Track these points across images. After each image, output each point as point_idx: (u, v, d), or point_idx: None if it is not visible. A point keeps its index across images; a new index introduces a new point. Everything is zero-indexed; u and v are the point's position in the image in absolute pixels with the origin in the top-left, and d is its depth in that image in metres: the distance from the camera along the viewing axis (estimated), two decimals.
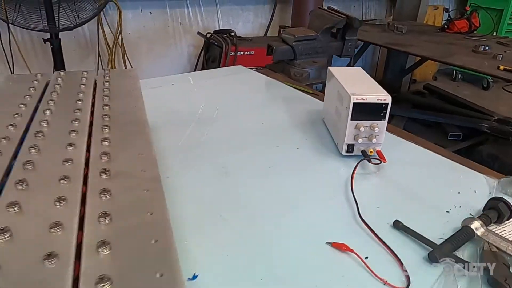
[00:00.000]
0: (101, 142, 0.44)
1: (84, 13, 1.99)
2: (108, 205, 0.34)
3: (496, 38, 2.67)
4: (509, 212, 0.54)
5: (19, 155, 0.40)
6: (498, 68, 1.95)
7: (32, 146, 0.41)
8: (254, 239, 0.50)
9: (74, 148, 0.43)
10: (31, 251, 0.28)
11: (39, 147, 0.41)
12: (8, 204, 0.32)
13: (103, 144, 0.44)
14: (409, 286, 0.44)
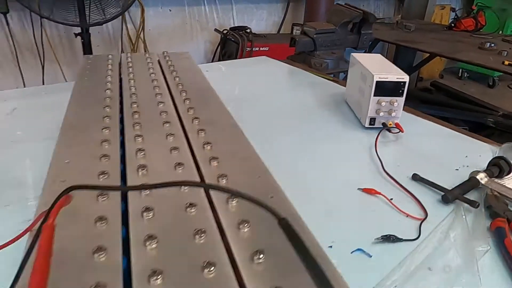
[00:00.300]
0: (184, 102, 0.56)
1: (110, 10, 2.12)
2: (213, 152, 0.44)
3: (501, 36, 2.78)
4: (509, 168, 0.66)
5: (125, 120, 0.52)
6: (503, 63, 2.05)
7: (132, 104, 0.53)
8: (305, 187, 0.62)
9: (163, 105, 0.54)
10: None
11: (138, 110, 0.53)
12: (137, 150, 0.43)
13: (186, 102, 0.55)
14: (426, 218, 0.56)
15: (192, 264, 0.27)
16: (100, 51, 2.52)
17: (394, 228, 0.53)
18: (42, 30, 2.18)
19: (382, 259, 0.48)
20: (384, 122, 0.81)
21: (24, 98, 0.95)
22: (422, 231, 0.53)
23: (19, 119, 0.83)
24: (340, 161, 0.72)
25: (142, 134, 0.45)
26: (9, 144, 0.72)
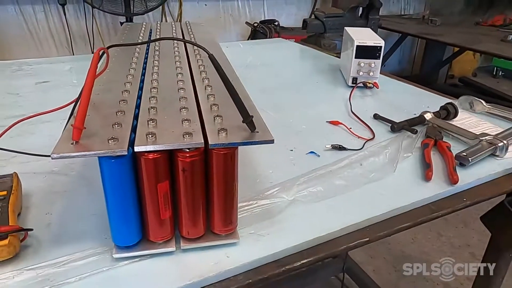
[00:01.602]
0: (197, 61, 0.75)
1: (151, 3, 2.38)
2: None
3: None
4: (455, 111, 0.80)
5: (146, 74, 0.71)
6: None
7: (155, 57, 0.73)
8: (288, 121, 0.80)
9: (179, 63, 0.74)
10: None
11: (159, 56, 0.73)
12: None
13: (199, 62, 0.75)
14: (373, 139, 0.72)
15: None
16: None
17: (345, 144, 0.70)
18: (93, 20, 2.48)
19: (328, 159, 0.65)
20: (364, 82, 0.97)
21: (76, 61, 1.20)
22: (366, 146, 0.70)
23: (74, 74, 1.07)
24: (320, 105, 0.89)
25: (158, 64, 0.65)
26: (67, 86, 0.96)
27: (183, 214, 0.43)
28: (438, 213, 0.55)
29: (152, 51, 0.72)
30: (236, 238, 0.45)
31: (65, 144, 0.37)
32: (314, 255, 0.47)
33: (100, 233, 0.47)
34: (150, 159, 0.39)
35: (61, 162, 0.61)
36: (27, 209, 0.50)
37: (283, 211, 0.52)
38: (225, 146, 0.39)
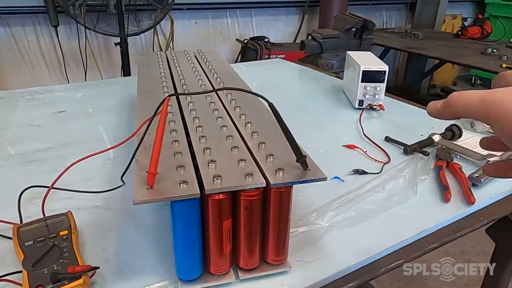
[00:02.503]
0: (216, 78, 0.79)
1: (144, 22, 2.42)
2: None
3: (506, 43, 2.93)
4: (459, 132, 0.86)
5: (177, 87, 0.75)
6: (501, 66, 2.22)
7: (181, 80, 0.77)
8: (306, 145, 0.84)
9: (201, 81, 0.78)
10: None
11: (188, 87, 0.77)
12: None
13: (217, 79, 0.79)
14: (389, 162, 0.77)
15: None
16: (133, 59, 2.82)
17: (364, 168, 0.75)
18: (86, 41, 2.50)
19: (351, 183, 0.70)
20: (370, 104, 1.03)
21: (87, 88, 1.22)
22: (384, 169, 0.75)
23: (88, 102, 1.09)
24: (332, 128, 0.94)
25: (192, 100, 0.69)
26: (85, 116, 0.98)
27: (242, 247, 0.46)
28: (460, 232, 0.60)
29: (179, 85, 0.76)
30: (288, 267, 0.49)
31: (142, 190, 0.41)
32: (358, 278, 0.51)
33: (158, 267, 0.49)
34: (217, 200, 0.42)
35: (102, 196, 0.63)
36: (82, 245, 0.53)
37: (323, 237, 0.56)
38: (284, 185, 0.43)
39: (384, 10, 3.90)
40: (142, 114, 0.60)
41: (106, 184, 0.68)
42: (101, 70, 2.67)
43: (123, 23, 2.24)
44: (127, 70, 2.38)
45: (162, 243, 0.54)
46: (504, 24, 3.68)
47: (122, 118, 0.97)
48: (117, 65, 2.69)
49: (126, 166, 0.51)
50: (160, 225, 0.58)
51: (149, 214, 0.60)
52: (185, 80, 0.78)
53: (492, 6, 4.20)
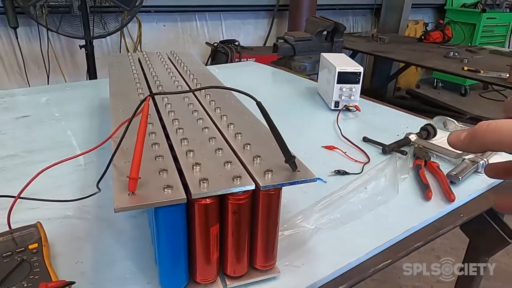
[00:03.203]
0: (192, 80, 0.77)
1: (110, 25, 2.34)
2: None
3: (466, 47, 3.07)
4: (434, 132, 0.88)
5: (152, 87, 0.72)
6: (463, 69, 2.31)
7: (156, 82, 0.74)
8: None
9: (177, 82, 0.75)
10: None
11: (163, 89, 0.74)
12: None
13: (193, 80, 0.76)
14: (369, 162, 0.77)
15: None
16: (99, 63, 2.73)
17: (345, 168, 0.74)
18: (48, 43, 2.38)
19: (334, 184, 0.69)
20: (345, 105, 1.04)
21: (52, 92, 1.15)
22: (365, 169, 0.75)
23: (53, 106, 1.03)
24: (310, 130, 0.94)
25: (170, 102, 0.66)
26: (51, 121, 0.92)
27: (230, 253, 0.44)
28: (443, 230, 0.60)
29: (154, 86, 0.73)
30: (277, 272, 0.47)
31: (123, 196, 0.38)
32: (348, 280, 0.50)
33: (140, 279, 0.46)
34: (204, 204, 0.40)
35: (74, 205, 0.59)
36: (54, 259, 0.48)
37: (309, 240, 0.55)
38: (274, 187, 0.41)
39: (350, 15, 3.99)
40: (118, 116, 0.57)
41: (77, 192, 0.63)
42: (65, 74, 2.56)
43: (88, 25, 2.16)
44: (93, 73, 2.29)
45: (143, 253, 0.50)
46: (463, 29, 3.86)
47: (92, 122, 0.92)
48: (82, 69, 2.59)
49: (103, 172, 0.47)
50: (139, 234, 0.54)
51: (126, 223, 0.57)
52: (160, 81, 0.75)
53: (451, 12, 4.40)
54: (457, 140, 0.29)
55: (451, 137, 0.30)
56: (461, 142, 0.29)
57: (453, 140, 0.30)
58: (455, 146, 0.30)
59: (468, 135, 0.28)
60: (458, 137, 0.29)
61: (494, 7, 4.46)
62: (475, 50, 2.92)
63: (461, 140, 0.29)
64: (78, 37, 2.18)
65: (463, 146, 0.29)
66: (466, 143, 0.29)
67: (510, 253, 1.87)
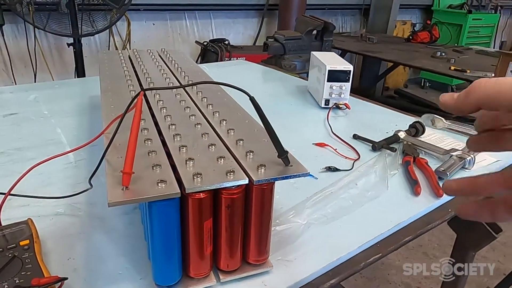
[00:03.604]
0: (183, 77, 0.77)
1: (99, 23, 2.32)
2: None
3: (452, 47, 3.12)
4: (422, 129, 0.89)
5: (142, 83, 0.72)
6: (450, 69, 2.35)
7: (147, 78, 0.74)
8: None
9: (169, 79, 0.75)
10: None
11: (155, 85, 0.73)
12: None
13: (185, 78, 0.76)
14: (359, 159, 0.78)
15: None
16: (88, 61, 2.70)
17: (336, 165, 0.75)
18: (35, 41, 2.35)
19: (325, 180, 0.70)
20: (336, 103, 1.05)
21: (40, 90, 1.14)
22: (355, 166, 0.76)
23: (42, 104, 1.02)
24: (301, 127, 0.95)
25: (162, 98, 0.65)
26: (40, 119, 0.91)
27: (223, 248, 0.44)
28: (431, 224, 0.62)
29: (145, 83, 0.73)
30: (270, 266, 0.48)
31: (116, 191, 0.38)
32: (339, 274, 0.50)
33: (133, 274, 0.46)
34: (198, 199, 0.40)
35: (65, 202, 0.59)
36: (46, 256, 0.48)
37: (301, 235, 0.55)
38: (267, 181, 0.42)
39: (339, 15, 4.02)
40: (109, 113, 0.56)
41: (68, 189, 0.63)
42: (52, 72, 2.53)
43: (76, 23, 2.13)
44: (82, 72, 2.27)
45: (136, 249, 0.50)
46: (449, 29, 3.92)
47: (81, 120, 0.92)
48: (69, 67, 2.56)
49: (95, 168, 0.47)
50: (132, 230, 0.54)
51: (119, 220, 0.56)
52: (151, 78, 0.75)
53: (438, 13, 4.46)
54: (450, 99, 0.28)
55: (444, 97, 0.28)
56: (454, 101, 0.27)
57: (446, 100, 0.28)
58: (447, 106, 0.28)
59: (463, 92, 0.27)
60: (451, 96, 0.28)
61: (479, 8, 4.54)
62: (461, 50, 2.97)
63: (455, 99, 0.27)
64: (66, 35, 2.16)
65: (456, 104, 0.27)
66: (461, 100, 0.27)
67: (496, 248, 1.91)
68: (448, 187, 0.31)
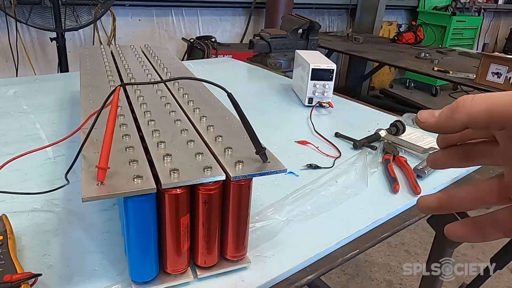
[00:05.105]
0: (166, 73, 0.76)
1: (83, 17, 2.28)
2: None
3: (436, 48, 3.16)
4: (403, 128, 0.91)
5: (123, 79, 0.71)
6: (433, 69, 2.39)
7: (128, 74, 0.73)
8: None
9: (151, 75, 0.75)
10: None
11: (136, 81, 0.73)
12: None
13: (167, 74, 0.76)
14: (340, 156, 0.79)
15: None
16: (71, 56, 2.65)
17: (317, 162, 0.76)
18: (17, 35, 2.30)
19: (305, 178, 0.71)
20: (319, 101, 1.05)
21: (21, 84, 1.12)
22: (336, 164, 0.77)
23: (22, 98, 1.00)
24: (284, 125, 0.95)
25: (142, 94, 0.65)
26: (19, 114, 0.90)
27: (201, 244, 0.44)
28: (409, 221, 0.63)
29: (126, 79, 0.72)
30: (248, 262, 0.48)
31: (91, 186, 0.37)
32: (317, 270, 0.51)
33: (110, 271, 0.46)
34: (175, 194, 0.40)
35: (42, 198, 0.58)
36: (20, 253, 0.47)
37: (280, 231, 0.56)
38: (244, 177, 0.42)
39: (326, 15, 4.04)
40: (88, 108, 0.56)
41: (45, 185, 0.62)
42: (35, 68, 2.48)
43: (60, 17, 2.09)
44: (65, 67, 2.23)
45: (114, 245, 0.50)
46: (434, 31, 3.98)
47: (62, 116, 0.90)
48: (53, 62, 2.52)
49: (71, 163, 0.47)
50: (109, 227, 0.54)
51: (97, 216, 0.56)
52: (133, 74, 0.74)
53: (423, 14, 4.53)
54: (429, 116, 0.24)
55: (422, 115, 0.25)
56: (435, 119, 0.24)
57: (425, 118, 0.24)
58: (427, 125, 0.24)
59: (446, 109, 0.23)
60: (431, 114, 0.24)
61: (463, 10, 4.62)
62: (445, 52, 3.01)
63: (436, 117, 0.24)
64: (49, 30, 2.12)
65: (439, 123, 0.24)
66: (444, 119, 0.23)
67: (475, 246, 1.95)
68: (424, 205, 0.28)
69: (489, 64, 1.96)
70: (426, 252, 1.95)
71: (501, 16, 5.90)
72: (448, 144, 0.28)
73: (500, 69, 1.92)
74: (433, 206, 0.28)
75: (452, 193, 0.27)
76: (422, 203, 0.28)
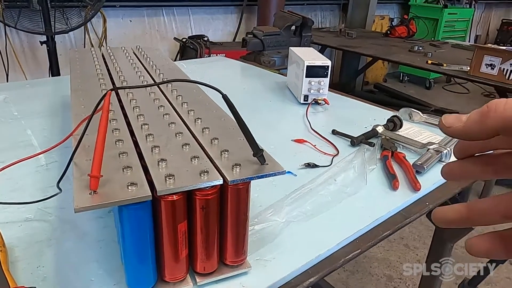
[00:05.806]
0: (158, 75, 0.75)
1: (73, 19, 2.25)
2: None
3: (429, 41, 3.16)
4: (400, 123, 0.90)
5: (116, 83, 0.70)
6: (427, 62, 2.38)
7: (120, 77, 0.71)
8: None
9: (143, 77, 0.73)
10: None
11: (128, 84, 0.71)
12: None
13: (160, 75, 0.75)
14: (338, 154, 0.78)
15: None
16: (62, 60, 2.62)
17: (315, 161, 0.75)
18: (6, 39, 2.27)
19: (304, 177, 0.70)
20: (314, 98, 1.04)
21: (11, 89, 1.10)
22: (334, 162, 0.76)
23: (12, 104, 0.98)
24: (280, 124, 0.94)
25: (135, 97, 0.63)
26: (9, 120, 0.88)
27: (199, 250, 0.43)
28: (409, 218, 0.62)
29: (118, 82, 0.70)
30: (248, 267, 0.47)
31: (84, 195, 0.36)
32: (319, 272, 0.50)
33: (107, 281, 0.45)
34: (171, 201, 0.39)
35: (34, 207, 0.56)
36: (13, 264, 0.46)
37: (280, 233, 0.55)
38: (242, 181, 0.41)
39: (318, 10, 4.03)
40: (79, 113, 0.54)
41: (38, 194, 0.60)
42: (25, 72, 2.45)
43: (49, 20, 2.07)
44: (56, 70, 2.20)
45: (110, 254, 0.49)
46: (426, 24, 3.98)
47: (53, 121, 0.89)
48: (43, 66, 2.48)
49: (63, 171, 0.45)
50: (105, 234, 0.53)
51: (92, 224, 0.55)
52: (124, 76, 0.72)
53: (415, 7, 4.53)
54: (456, 121, 0.22)
55: (448, 120, 0.23)
56: (462, 124, 0.22)
57: (451, 123, 0.23)
58: (453, 131, 0.23)
59: (476, 113, 0.21)
60: (458, 118, 0.22)
61: (455, 2, 4.63)
62: (438, 45, 3.01)
63: (463, 121, 0.22)
64: (39, 33, 2.09)
65: (466, 128, 0.22)
66: (473, 124, 0.21)
67: None
68: (440, 218, 0.25)
69: (483, 56, 1.96)
70: (425, 246, 1.95)
71: (492, 7, 5.92)
72: (468, 153, 0.26)
73: (493, 61, 1.92)
74: (451, 220, 0.25)
75: (472, 206, 0.24)
76: (438, 215, 0.26)
